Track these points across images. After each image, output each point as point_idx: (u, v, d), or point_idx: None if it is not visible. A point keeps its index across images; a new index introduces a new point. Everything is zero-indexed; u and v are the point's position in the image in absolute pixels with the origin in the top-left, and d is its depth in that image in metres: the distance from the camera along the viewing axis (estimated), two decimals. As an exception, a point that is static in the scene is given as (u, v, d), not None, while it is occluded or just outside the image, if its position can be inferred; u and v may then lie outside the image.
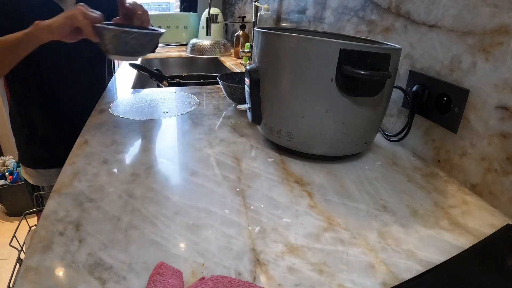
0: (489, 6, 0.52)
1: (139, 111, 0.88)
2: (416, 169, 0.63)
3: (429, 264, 0.40)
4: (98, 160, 0.61)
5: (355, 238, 0.44)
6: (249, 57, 1.65)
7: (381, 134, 0.77)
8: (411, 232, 0.46)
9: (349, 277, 0.38)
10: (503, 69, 0.50)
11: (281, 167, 0.62)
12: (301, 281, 0.37)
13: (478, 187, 0.55)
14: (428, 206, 0.52)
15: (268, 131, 0.67)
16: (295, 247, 0.42)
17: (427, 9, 0.64)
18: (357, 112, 0.59)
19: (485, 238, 0.44)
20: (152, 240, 0.42)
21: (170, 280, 0.35)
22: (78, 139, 0.70)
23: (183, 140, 0.72)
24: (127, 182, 0.55)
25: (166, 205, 0.49)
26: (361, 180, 0.58)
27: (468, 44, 0.56)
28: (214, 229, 0.45)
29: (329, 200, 0.52)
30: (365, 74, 0.52)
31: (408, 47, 0.69)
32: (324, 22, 1.06)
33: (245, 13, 1.92)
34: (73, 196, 0.50)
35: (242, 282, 0.36)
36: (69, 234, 0.42)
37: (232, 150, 0.68)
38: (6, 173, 2.05)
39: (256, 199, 0.52)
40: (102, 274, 0.37)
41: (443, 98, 0.61)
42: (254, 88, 0.64)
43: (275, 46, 0.60)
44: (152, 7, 2.85)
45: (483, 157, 0.54)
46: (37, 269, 0.37)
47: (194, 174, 0.58)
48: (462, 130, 0.58)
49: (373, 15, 0.80)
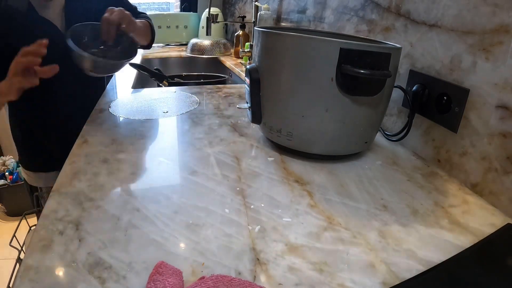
0: (489, 6, 0.52)
1: (139, 111, 0.88)
2: (416, 169, 0.63)
3: (429, 263, 0.40)
4: (98, 159, 0.61)
5: (355, 237, 0.44)
6: (249, 56, 1.65)
7: (381, 134, 0.77)
8: (412, 231, 0.46)
9: (349, 277, 0.38)
10: (503, 68, 0.50)
11: (281, 167, 0.62)
12: (301, 281, 0.37)
13: (479, 186, 0.55)
14: (428, 206, 0.52)
15: (268, 130, 0.66)
16: (295, 247, 0.42)
17: (427, 9, 0.64)
18: (357, 112, 0.59)
19: (485, 238, 0.44)
20: (152, 239, 0.42)
21: (170, 280, 0.35)
22: (78, 138, 0.70)
23: (183, 140, 0.72)
24: (127, 181, 0.55)
25: (166, 204, 0.49)
26: (361, 180, 0.58)
27: (468, 44, 0.56)
28: (214, 229, 0.44)
29: (329, 199, 0.52)
30: (365, 73, 0.52)
31: (408, 47, 0.69)
32: (324, 22, 1.06)
33: (245, 13, 1.92)
34: (73, 195, 0.50)
35: (242, 282, 0.35)
36: (69, 233, 0.42)
37: (232, 150, 0.68)
38: (6, 173, 2.05)
39: (256, 199, 0.51)
40: (102, 273, 0.37)
41: (443, 98, 0.61)
42: (254, 87, 0.64)
43: (275, 46, 0.60)
44: (152, 7, 2.84)
45: (483, 157, 0.54)
46: (36, 268, 0.37)
47: (194, 173, 0.58)
48: (462, 130, 0.58)
49: (373, 14, 0.80)
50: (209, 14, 1.52)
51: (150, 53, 1.92)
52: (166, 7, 2.89)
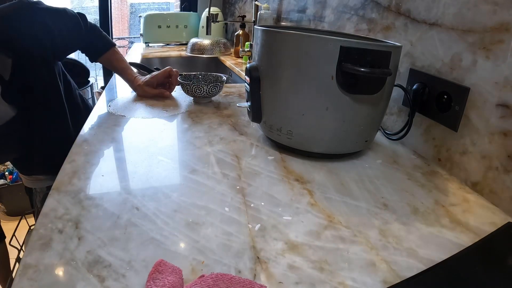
0: (490, 4, 0.52)
1: (139, 110, 0.88)
2: (417, 168, 0.63)
3: (430, 262, 0.40)
4: (97, 158, 0.61)
5: (356, 236, 0.44)
6: (249, 56, 1.64)
7: (381, 133, 0.77)
8: (412, 230, 0.46)
9: (350, 275, 0.38)
10: (504, 67, 0.50)
11: (281, 165, 0.62)
12: (301, 279, 0.37)
13: (479, 185, 0.55)
14: (428, 204, 0.52)
15: (268, 129, 0.66)
16: (296, 245, 0.42)
17: (428, 7, 0.63)
18: (358, 110, 0.59)
19: (486, 236, 0.44)
20: (151, 237, 0.42)
21: (170, 278, 0.35)
22: (78, 137, 0.70)
23: (183, 138, 0.71)
24: (126, 180, 0.55)
25: (165, 203, 0.49)
26: (362, 178, 0.58)
27: (469, 42, 0.56)
28: (214, 227, 0.44)
29: (329, 198, 0.52)
30: (365, 71, 0.52)
31: (408, 46, 0.69)
32: (324, 21, 1.06)
33: (245, 12, 1.92)
34: (72, 194, 0.50)
35: (242, 280, 0.35)
36: (68, 231, 0.42)
37: (232, 148, 0.67)
38: (6, 172, 2.05)
39: (256, 197, 0.51)
40: (101, 271, 0.36)
41: (443, 96, 0.61)
42: (254, 86, 0.64)
43: (275, 44, 0.60)
44: (152, 6, 2.85)
45: (483, 155, 0.54)
46: (36, 267, 0.37)
47: (194, 172, 0.58)
48: (462, 128, 0.58)
49: (373, 13, 0.80)
50: (209, 13, 1.51)
51: (150, 53, 1.92)
52: (166, 7, 2.89)
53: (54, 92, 0.91)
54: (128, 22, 5.23)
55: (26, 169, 1.04)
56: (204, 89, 0.91)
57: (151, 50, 2.05)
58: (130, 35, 4.92)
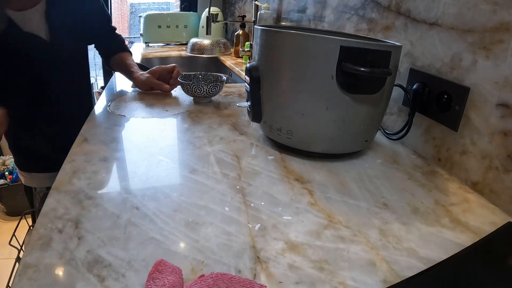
0: (490, 4, 0.52)
1: (139, 110, 0.88)
2: (417, 167, 0.63)
3: (430, 261, 0.40)
4: (97, 157, 0.61)
5: (356, 235, 0.44)
6: (249, 56, 1.64)
7: (381, 133, 0.77)
8: (412, 229, 0.46)
9: (350, 275, 0.38)
10: (504, 66, 0.50)
11: (281, 165, 0.62)
12: (301, 279, 0.37)
13: (479, 185, 0.55)
14: (429, 204, 0.52)
15: (268, 129, 0.66)
16: (296, 245, 0.42)
17: (427, 7, 0.63)
18: (358, 110, 0.59)
19: (486, 236, 0.44)
20: (151, 237, 0.42)
21: (170, 278, 0.35)
22: (78, 137, 0.70)
23: (183, 138, 0.71)
24: (126, 179, 0.55)
25: (165, 203, 0.49)
26: (362, 178, 0.58)
27: (469, 42, 0.56)
28: (214, 227, 0.44)
29: (329, 197, 0.52)
30: (365, 71, 0.52)
31: (408, 45, 0.69)
32: (324, 21, 1.06)
33: (245, 12, 1.92)
34: (72, 193, 0.50)
35: (242, 280, 0.35)
36: (68, 231, 0.42)
37: (232, 148, 0.67)
38: (6, 172, 2.05)
39: (256, 197, 0.51)
40: (101, 271, 0.36)
41: (443, 96, 0.61)
42: (254, 86, 0.64)
43: (275, 44, 0.60)
44: (152, 6, 2.85)
45: (484, 155, 0.54)
46: (35, 267, 0.37)
47: (194, 171, 0.58)
48: (462, 128, 0.58)
49: (373, 13, 0.80)
50: (209, 13, 1.51)
51: (150, 53, 1.92)
52: (166, 7, 2.89)
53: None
54: (128, 22, 5.23)
55: (26, 166, 1.04)
56: (204, 89, 0.91)
57: (151, 50, 2.05)
58: (130, 35, 4.92)
